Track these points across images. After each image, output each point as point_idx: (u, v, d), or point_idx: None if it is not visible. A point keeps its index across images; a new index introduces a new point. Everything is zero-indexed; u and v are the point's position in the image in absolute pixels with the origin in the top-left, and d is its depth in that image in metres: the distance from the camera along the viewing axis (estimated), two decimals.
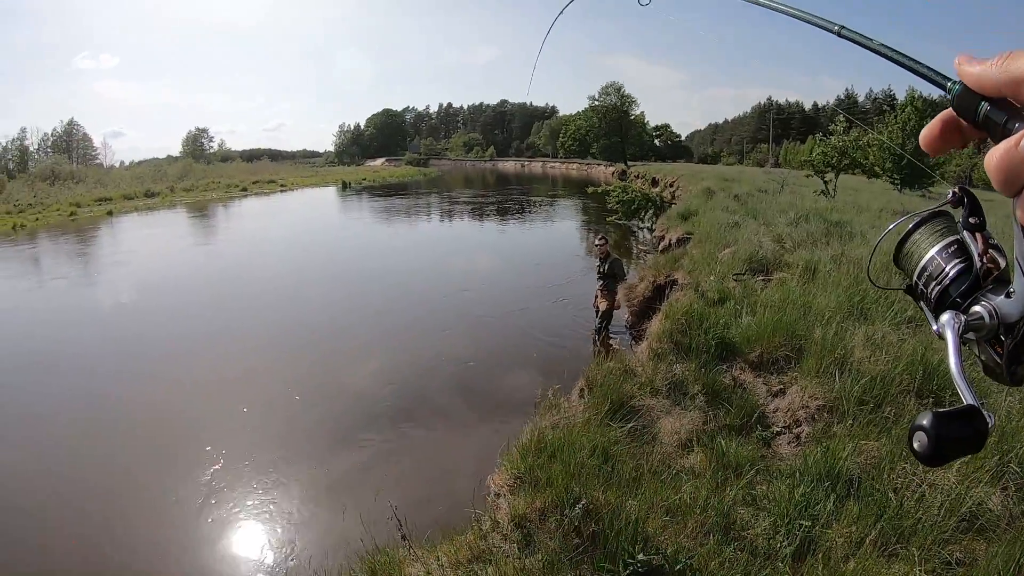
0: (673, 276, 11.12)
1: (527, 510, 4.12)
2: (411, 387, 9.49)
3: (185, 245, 25.65)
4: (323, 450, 7.67)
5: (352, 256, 23.11)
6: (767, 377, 6.44)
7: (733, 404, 5.81)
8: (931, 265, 0.96)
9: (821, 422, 5.41)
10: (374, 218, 36.97)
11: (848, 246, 10.98)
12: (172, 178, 63.15)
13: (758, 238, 12.22)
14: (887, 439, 4.82)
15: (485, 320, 13.12)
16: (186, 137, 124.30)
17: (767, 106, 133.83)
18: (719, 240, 13.03)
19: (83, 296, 17.04)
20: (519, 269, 19.48)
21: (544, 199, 47.57)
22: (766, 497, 4.39)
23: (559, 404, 6.05)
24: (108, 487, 7.02)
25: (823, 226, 13.43)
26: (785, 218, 15.00)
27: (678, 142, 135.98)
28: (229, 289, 16.85)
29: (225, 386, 9.86)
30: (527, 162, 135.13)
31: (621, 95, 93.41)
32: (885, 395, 5.43)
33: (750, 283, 9.36)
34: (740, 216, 16.28)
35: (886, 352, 6.06)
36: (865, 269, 2.13)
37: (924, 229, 1.00)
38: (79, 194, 46.96)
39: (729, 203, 20.50)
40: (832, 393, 5.64)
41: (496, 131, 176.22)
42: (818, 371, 6.04)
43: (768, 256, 10.65)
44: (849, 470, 4.54)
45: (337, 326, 12.97)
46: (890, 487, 4.30)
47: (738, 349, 6.91)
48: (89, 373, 10.52)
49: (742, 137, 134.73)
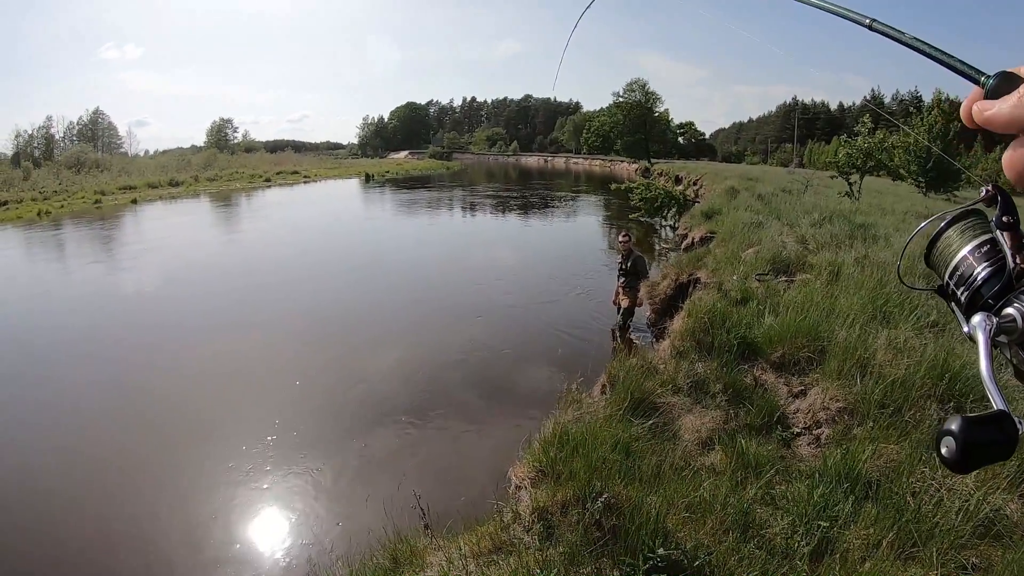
0: (696, 275, 11.13)
1: (548, 503, 4.19)
2: (436, 378, 9.61)
3: (214, 234, 26.04)
4: (347, 439, 7.78)
5: (378, 247, 23.30)
6: (788, 378, 6.45)
7: (754, 404, 5.84)
8: (963, 265, 0.95)
9: (841, 424, 5.43)
10: (399, 210, 37.13)
11: (872, 249, 10.92)
12: (196, 167, 64.24)
13: (781, 238, 12.19)
14: (907, 443, 4.83)
15: (511, 312, 13.25)
16: (210, 127, 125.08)
17: (792, 105, 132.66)
18: (742, 239, 13.00)
19: (115, 282, 17.45)
20: (544, 262, 19.60)
21: (567, 195, 47.46)
22: (785, 497, 4.42)
23: (581, 399, 6.11)
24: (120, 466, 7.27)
25: (847, 228, 13.35)
26: (809, 219, 14.92)
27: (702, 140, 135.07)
28: (256, 278, 17.03)
29: (248, 375, 10.04)
30: (550, 157, 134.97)
31: (646, 92, 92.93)
32: (906, 399, 5.43)
33: (773, 284, 9.35)
34: (764, 216, 16.20)
35: (908, 356, 6.06)
36: (896, 268, 2.12)
37: (956, 228, 0.99)
38: (104, 182, 47.84)
39: (753, 203, 20.39)
40: (853, 396, 5.65)
41: (519, 126, 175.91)
42: (839, 373, 6.04)
43: (791, 257, 10.61)
44: (868, 473, 4.56)
45: (363, 315, 13.21)
46: (909, 491, 4.32)
47: (760, 349, 6.92)
48: (109, 359, 10.78)
49: (766, 136, 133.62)
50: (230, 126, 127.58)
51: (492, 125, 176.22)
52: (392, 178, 66.77)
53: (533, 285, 15.69)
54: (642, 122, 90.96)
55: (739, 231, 14.14)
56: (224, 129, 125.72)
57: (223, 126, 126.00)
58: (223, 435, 7.98)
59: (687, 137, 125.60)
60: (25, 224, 29.46)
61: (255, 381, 9.71)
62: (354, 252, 21.36)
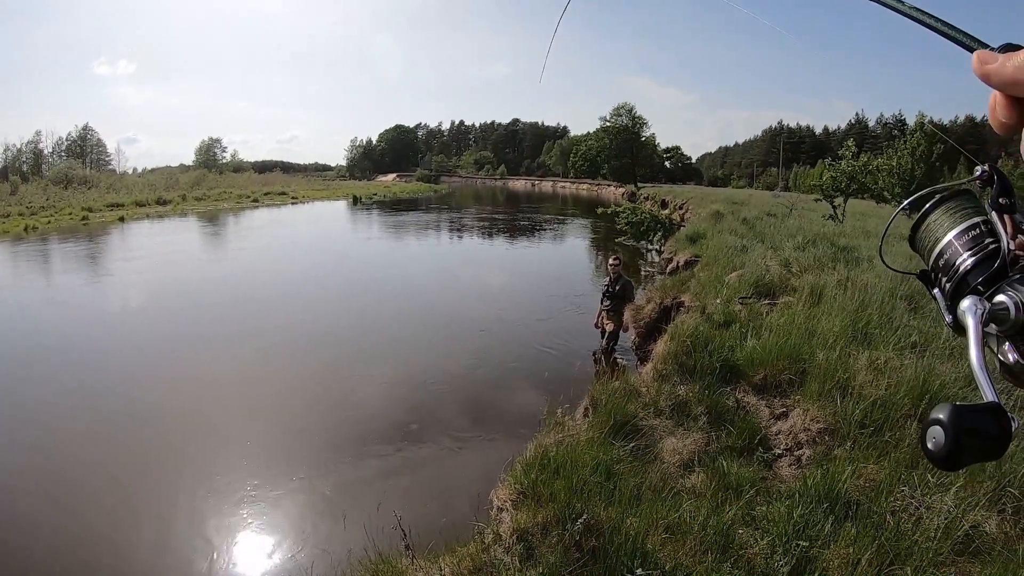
0: (680, 298, 11.21)
1: (529, 524, 4.23)
2: (420, 399, 9.65)
3: (200, 253, 26.01)
4: (330, 460, 7.75)
5: (366, 268, 23.40)
6: (770, 400, 6.52)
7: (736, 426, 5.89)
8: (950, 249, 0.90)
9: (822, 445, 5.49)
10: (386, 233, 37.25)
11: (855, 271, 11.05)
12: (184, 186, 64.65)
13: (765, 262, 12.30)
14: (887, 462, 4.90)
15: (498, 333, 13.33)
16: (199, 146, 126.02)
17: (777, 130, 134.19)
18: (726, 263, 13.12)
19: (97, 299, 17.45)
20: (529, 284, 19.76)
21: (554, 218, 47.76)
22: (765, 518, 4.46)
23: (564, 422, 6.16)
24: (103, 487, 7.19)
25: (830, 251, 13.50)
26: (793, 242, 15.08)
27: (688, 164, 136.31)
28: (240, 299, 16.96)
29: (231, 394, 10.07)
30: (538, 181, 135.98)
31: (632, 116, 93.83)
32: (886, 419, 5.50)
33: (756, 306, 9.45)
34: (748, 240, 16.38)
35: (888, 376, 6.14)
36: (877, 249, 2.08)
37: (943, 209, 0.94)
38: (91, 199, 48.24)
39: (737, 226, 20.60)
40: (833, 416, 5.73)
41: (507, 149, 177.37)
42: (820, 395, 6.12)
43: (775, 280, 10.72)
44: (848, 492, 4.61)
45: (349, 337, 13.19)
46: (888, 510, 4.38)
47: (742, 372, 7.00)
48: (93, 369, 10.83)
49: (752, 160, 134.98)
50: (219, 145, 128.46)
51: (480, 148, 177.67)
52: (380, 200, 67.19)
53: (522, 306, 15.86)
54: (629, 146, 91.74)
55: (723, 255, 14.28)
56: (213, 148, 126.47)
57: (212, 145, 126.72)
58: (205, 456, 7.95)
59: (674, 161, 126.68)
60: (12, 239, 29.55)
61: (241, 402, 9.69)
62: (341, 274, 21.39)
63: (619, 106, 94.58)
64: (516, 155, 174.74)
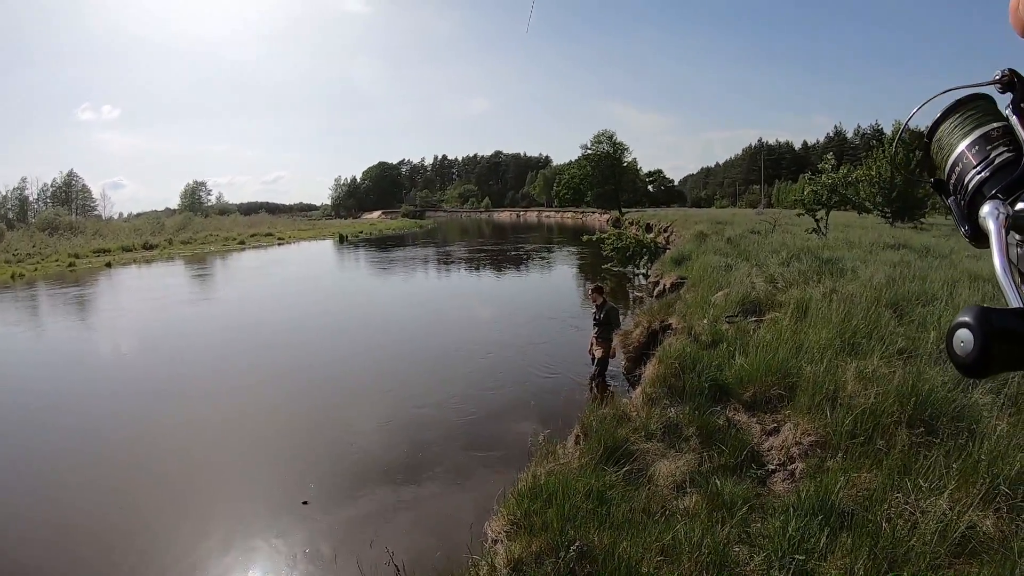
0: (667, 321, 11.29)
1: (523, 554, 4.25)
2: (410, 436, 9.67)
3: (190, 298, 25.87)
4: (323, 498, 7.76)
5: (353, 306, 23.48)
6: (761, 416, 6.58)
7: (727, 444, 5.93)
8: (965, 158, 0.88)
9: (814, 457, 5.53)
10: (374, 270, 37.33)
11: (840, 282, 11.18)
12: (170, 230, 64.89)
13: (750, 279, 12.42)
14: (879, 470, 4.95)
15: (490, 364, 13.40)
16: (184, 190, 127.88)
17: (758, 147, 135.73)
18: (712, 283, 13.22)
19: (88, 345, 17.54)
20: (518, 314, 19.96)
21: (541, 247, 48.03)
22: (761, 534, 4.49)
23: (555, 451, 6.19)
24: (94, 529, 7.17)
25: (815, 264, 13.66)
26: (777, 258, 15.23)
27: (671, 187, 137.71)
28: (232, 341, 17.09)
29: (225, 436, 10.10)
30: (522, 212, 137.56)
31: (613, 143, 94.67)
32: (876, 427, 5.57)
33: (743, 324, 9.52)
34: (732, 258, 16.53)
35: (876, 385, 6.21)
36: (892, 148, 1.95)
37: (958, 116, 0.92)
38: (78, 245, 48.17)
39: (722, 246, 20.79)
40: (824, 428, 5.78)
41: (491, 182, 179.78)
42: (810, 408, 6.18)
43: (761, 296, 10.83)
44: (842, 503, 4.65)
45: (340, 375, 13.24)
46: (883, 517, 4.41)
47: (732, 390, 7.06)
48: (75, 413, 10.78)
49: (734, 179, 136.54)
50: (204, 189, 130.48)
51: (464, 182, 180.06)
52: (367, 238, 67.67)
53: (512, 336, 16.00)
54: (611, 172, 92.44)
55: (708, 275, 14.40)
56: (198, 192, 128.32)
57: (197, 189, 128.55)
58: (201, 497, 7.99)
59: (656, 185, 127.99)
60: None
61: (235, 443, 9.76)
62: (331, 313, 21.37)
63: (600, 133, 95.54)
64: (500, 187, 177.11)
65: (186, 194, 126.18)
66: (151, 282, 31.95)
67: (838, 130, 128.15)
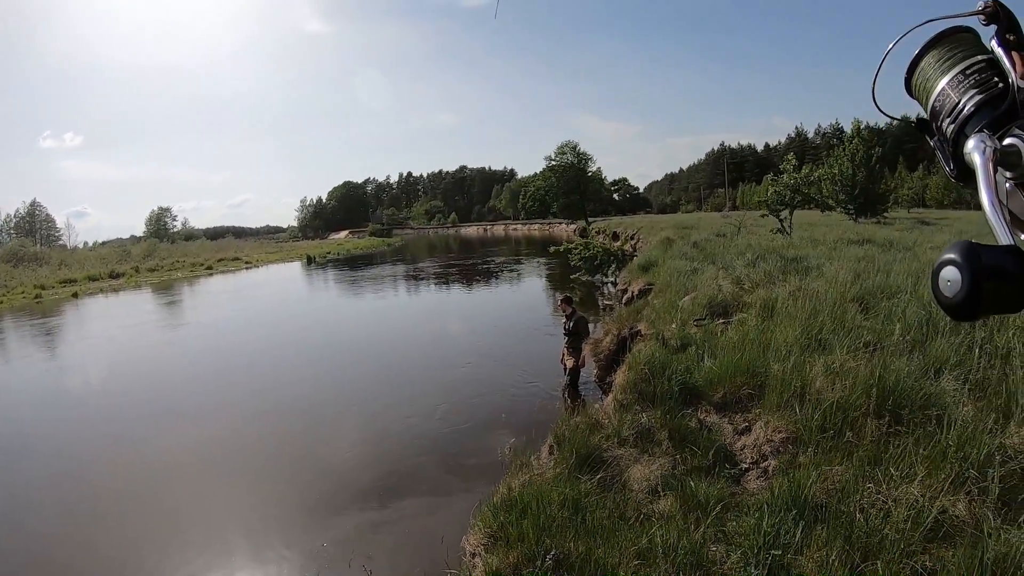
0: (636, 327, 11.36)
1: (501, 566, 4.27)
2: (385, 455, 9.63)
3: (160, 325, 25.54)
4: (300, 522, 7.72)
5: (323, 328, 23.11)
6: (732, 416, 6.65)
7: (700, 446, 5.99)
8: (947, 94, 0.86)
9: (786, 454, 5.61)
10: (343, 291, 37.04)
11: (805, 280, 11.32)
12: (136, 258, 64.14)
13: (717, 282, 12.53)
14: (850, 462, 5.02)
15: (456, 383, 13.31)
16: (149, 216, 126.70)
17: (721, 151, 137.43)
18: (679, 288, 13.34)
19: (62, 376, 17.16)
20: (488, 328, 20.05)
21: (510, 262, 48.09)
22: (736, 532, 4.54)
23: (529, 462, 6.21)
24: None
25: (780, 263, 13.80)
26: (743, 259, 15.37)
27: (637, 194, 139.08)
28: (205, 366, 16.91)
29: (198, 459, 9.99)
30: (489, 226, 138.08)
31: (577, 153, 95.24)
32: (845, 420, 5.66)
33: (711, 327, 9.62)
34: (699, 262, 16.67)
35: (843, 379, 6.31)
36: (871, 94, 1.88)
37: (938, 50, 0.88)
38: (43, 276, 47.33)
39: (688, 250, 20.95)
40: (794, 424, 5.86)
41: (457, 197, 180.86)
42: (780, 405, 6.26)
43: (728, 298, 10.93)
44: (815, 496, 4.72)
45: (312, 399, 13.06)
46: (856, 508, 4.48)
47: (702, 392, 7.13)
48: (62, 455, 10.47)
49: (699, 184, 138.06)
50: (169, 215, 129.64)
51: (430, 198, 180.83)
52: (334, 259, 67.08)
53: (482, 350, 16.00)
54: (576, 183, 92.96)
55: (675, 280, 14.52)
56: (163, 218, 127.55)
57: (162, 215, 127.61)
58: (178, 528, 7.86)
59: (622, 193, 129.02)
60: None
61: (210, 472, 9.59)
62: (301, 337, 21.14)
63: (564, 144, 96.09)
64: (466, 201, 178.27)
65: (151, 220, 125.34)
66: (120, 311, 31.45)
67: (799, 131, 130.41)
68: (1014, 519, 4.10)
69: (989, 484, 4.41)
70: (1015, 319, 7.17)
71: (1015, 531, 3.94)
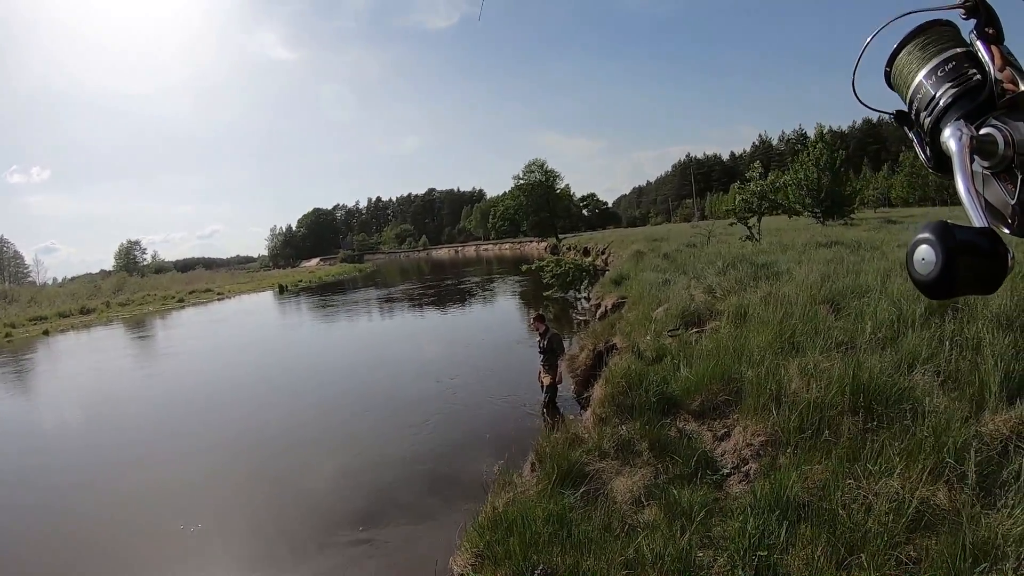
0: (611, 341, 11.48)
1: None
2: (370, 482, 9.52)
3: (134, 361, 25.17)
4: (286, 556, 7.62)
5: (298, 358, 22.83)
6: (711, 423, 6.75)
7: (681, 454, 6.07)
8: (925, 85, 0.87)
9: (767, 456, 5.71)
10: (317, 320, 36.76)
11: (776, 284, 11.49)
12: (107, 293, 62.93)
13: (689, 292, 12.70)
14: (830, 460, 5.12)
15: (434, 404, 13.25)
16: (118, 250, 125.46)
17: (687, 162, 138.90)
18: (652, 300, 13.48)
19: (39, 414, 16.84)
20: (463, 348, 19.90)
21: (483, 282, 48.12)
22: (722, 536, 4.61)
23: (512, 480, 6.24)
24: None
25: (751, 270, 14.01)
26: (714, 268, 15.57)
27: (606, 209, 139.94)
28: (181, 402, 16.42)
29: (179, 495, 9.77)
30: (460, 247, 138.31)
31: (545, 171, 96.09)
32: (822, 419, 5.78)
33: (685, 336, 9.74)
34: (670, 273, 16.88)
35: (818, 379, 6.43)
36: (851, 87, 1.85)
37: (918, 42, 0.90)
38: (13, 314, 46.21)
39: (659, 262, 21.20)
40: (773, 427, 5.97)
41: (426, 220, 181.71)
42: (757, 409, 6.37)
43: (700, 307, 11.08)
44: (797, 496, 4.81)
45: (284, 425, 12.98)
46: (838, 504, 4.57)
47: (680, 401, 7.23)
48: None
49: (667, 195, 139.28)
50: (138, 248, 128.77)
51: (400, 222, 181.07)
52: (306, 287, 66.40)
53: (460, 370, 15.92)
54: (545, 200, 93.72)
55: (648, 292, 14.68)
56: (132, 251, 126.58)
57: (131, 248, 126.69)
58: (163, 563, 7.76)
59: (591, 208, 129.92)
60: None
61: (193, 506, 9.39)
62: (277, 368, 20.92)
63: (531, 162, 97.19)
64: (436, 223, 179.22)
65: (120, 254, 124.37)
66: (91, 348, 30.91)
67: (763, 138, 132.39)
68: (993, 504, 4.22)
69: (967, 471, 4.53)
70: (984, 309, 7.37)
71: (994, 515, 4.06)
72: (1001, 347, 6.46)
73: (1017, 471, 4.50)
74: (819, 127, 42.63)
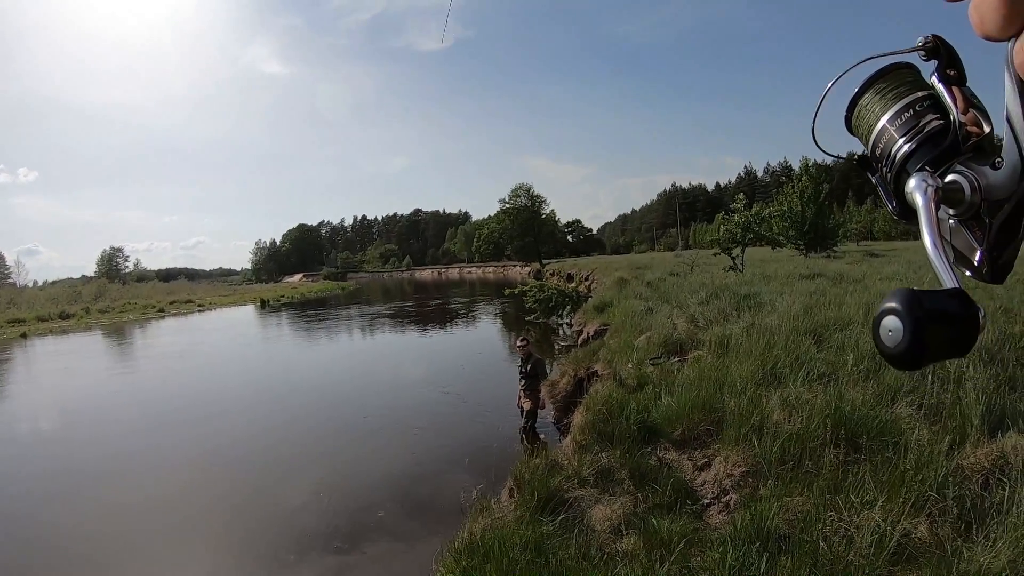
0: (593, 368, 11.48)
1: None
2: (346, 506, 9.40)
3: (109, 371, 24.84)
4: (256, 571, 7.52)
5: (279, 375, 22.63)
6: (691, 453, 6.74)
7: (661, 484, 6.05)
8: (887, 132, 0.85)
9: (747, 487, 5.71)
10: (298, 336, 36.54)
11: (759, 315, 11.56)
12: (87, 299, 62.54)
13: (672, 320, 12.75)
14: (811, 492, 5.13)
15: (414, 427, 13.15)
16: (101, 256, 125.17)
17: (672, 191, 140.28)
18: (634, 327, 13.50)
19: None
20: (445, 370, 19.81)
21: (466, 305, 48.07)
22: (701, 567, 4.59)
23: (489, 506, 6.19)
24: None
25: (734, 300, 14.10)
26: (697, 298, 15.64)
27: (590, 235, 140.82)
28: (154, 416, 16.13)
29: (147, 513, 9.55)
30: (444, 269, 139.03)
31: (531, 196, 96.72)
32: (804, 451, 5.79)
33: (667, 365, 9.76)
34: (654, 302, 16.92)
35: (799, 411, 6.46)
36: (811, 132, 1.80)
37: (877, 88, 0.88)
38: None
39: (642, 290, 21.28)
40: (754, 458, 5.97)
41: (411, 240, 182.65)
42: (738, 440, 6.38)
43: (683, 336, 11.12)
44: (778, 527, 4.81)
45: (261, 443, 12.79)
46: (819, 536, 4.57)
47: (660, 430, 7.22)
48: None
49: (652, 224, 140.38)
50: (121, 255, 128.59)
51: (384, 242, 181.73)
52: (289, 302, 65.93)
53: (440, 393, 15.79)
54: (530, 225, 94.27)
55: (631, 320, 14.71)
56: (115, 258, 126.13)
57: (114, 255, 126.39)
58: None
59: (575, 234, 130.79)
60: None
61: (163, 528, 9.21)
62: (256, 385, 20.72)
63: (517, 187, 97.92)
64: (420, 244, 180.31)
65: (103, 260, 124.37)
66: (69, 354, 30.57)
67: (748, 169, 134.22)
68: (974, 537, 4.23)
69: (948, 505, 4.55)
70: None
71: (977, 549, 4.07)
72: (983, 380, 6.55)
73: (999, 503, 4.53)
74: (804, 160, 43.22)
